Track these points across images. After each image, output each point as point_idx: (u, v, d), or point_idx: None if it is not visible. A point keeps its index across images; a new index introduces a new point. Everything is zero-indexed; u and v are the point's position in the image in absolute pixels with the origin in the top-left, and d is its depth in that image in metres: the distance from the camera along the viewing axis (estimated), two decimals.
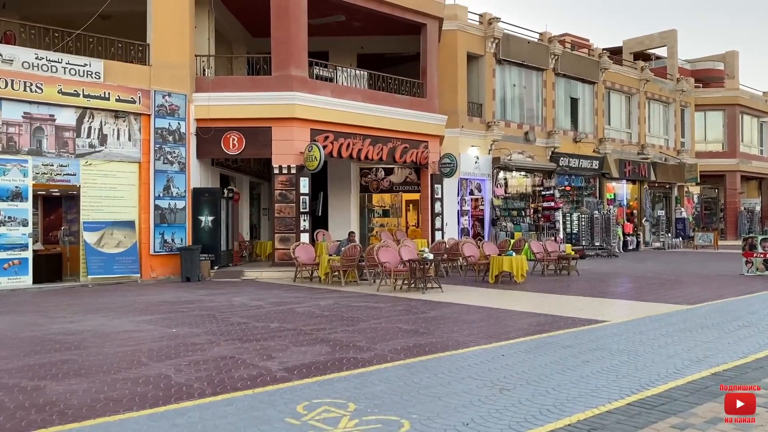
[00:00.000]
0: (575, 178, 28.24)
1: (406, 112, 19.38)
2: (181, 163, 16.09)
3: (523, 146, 25.53)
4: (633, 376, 5.96)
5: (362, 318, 9.65)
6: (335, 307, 10.95)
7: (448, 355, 6.94)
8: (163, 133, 15.81)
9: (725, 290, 13.15)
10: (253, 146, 16.86)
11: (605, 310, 10.45)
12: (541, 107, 26.70)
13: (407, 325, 8.95)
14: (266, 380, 5.92)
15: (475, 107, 24.18)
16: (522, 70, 25.97)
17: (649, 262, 21.72)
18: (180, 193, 16.07)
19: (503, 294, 12.89)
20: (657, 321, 9.21)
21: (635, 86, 31.46)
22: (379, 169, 23.14)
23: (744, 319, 9.28)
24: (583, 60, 28.51)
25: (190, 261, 15.52)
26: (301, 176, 16.77)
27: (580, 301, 11.74)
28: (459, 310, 10.55)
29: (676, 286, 14.12)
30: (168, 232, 15.89)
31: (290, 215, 16.76)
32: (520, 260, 14.62)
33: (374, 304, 11.25)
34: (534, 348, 7.33)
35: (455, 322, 9.22)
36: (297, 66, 16.95)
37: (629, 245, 28.93)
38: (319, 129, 17.32)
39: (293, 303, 11.46)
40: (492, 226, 24.18)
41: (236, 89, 16.90)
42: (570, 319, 9.44)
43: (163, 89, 15.85)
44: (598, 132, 29.15)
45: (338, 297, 12.36)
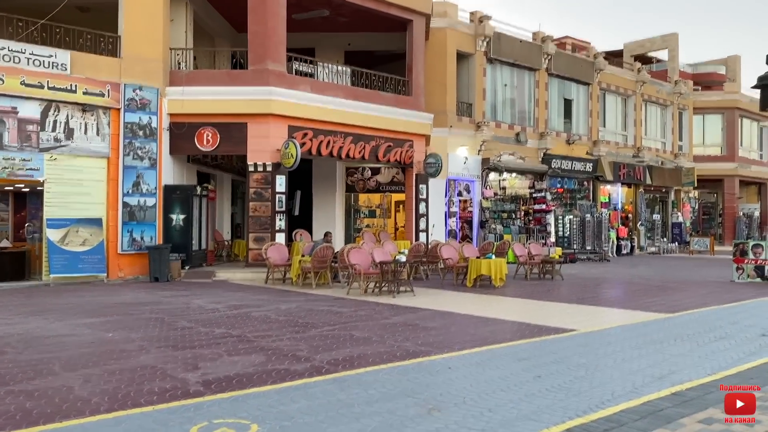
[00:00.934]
0: (568, 181, 27.64)
1: (390, 110, 18.80)
2: (152, 158, 15.54)
3: (514, 147, 24.92)
4: (585, 394, 5.38)
5: (317, 324, 9.07)
6: (294, 311, 10.38)
7: (390, 368, 6.37)
8: (133, 127, 15.27)
9: (711, 298, 12.54)
10: (228, 142, 16.31)
11: (578, 317, 9.86)
12: (534, 108, 26.09)
13: (362, 333, 8.37)
14: (176, 395, 5.35)
15: (464, 107, 23.60)
16: (514, 70, 25.37)
17: (640, 267, 21.09)
18: (150, 190, 15.52)
19: (477, 299, 12.31)
20: (630, 331, 8.62)
21: (631, 88, 30.83)
22: (366, 168, 22.56)
23: (723, 330, 8.68)
24: (577, 60, 27.90)
25: (158, 261, 14.97)
26: (277, 174, 16.21)
27: (554, 307, 11.14)
28: (424, 315, 9.97)
29: (661, 292, 13.52)
30: (137, 230, 15.34)
31: (265, 214, 16.20)
32: (499, 263, 14.02)
33: (337, 309, 10.68)
34: (487, 360, 6.75)
35: (414, 330, 8.64)
36: (274, 60, 16.40)
37: (623, 249, 28.29)
38: (298, 126, 16.75)
39: (253, 306, 10.90)
40: (480, 228, 23.57)
41: (211, 83, 16.34)
42: (537, 328, 8.85)
43: (134, 83, 15.31)
44: (592, 134, 28.53)
45: (303, 300, 11.80)
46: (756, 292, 13.43)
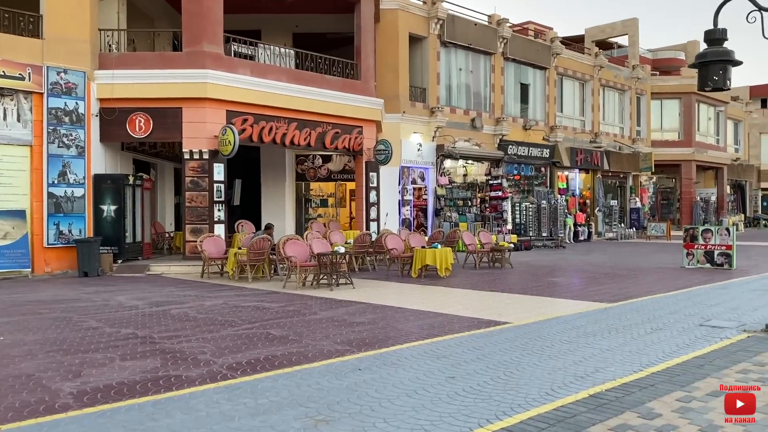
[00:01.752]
0: (525, 167, 27.31)
1: (337, 95, 18.13)
2: (79, 146, 14.66)
3: (470, 133, 24.49)
4: (496, 399, 4.89)
5: (236, 322, 8.46)
6: (218, 308, 9.74)
7: (293, 372, 5.80)
8: (58, 113, 14.35)
9: (658, 285, 12.25)
10: (161, 129, 15.48)
11: (515, 309, 9.41)
12: (489, 93, 25.66)
13: (280, 331, 7.78)
14: (36, 410, 4.71)
15: (418, 92, 23.04)
16: (469, 54, 24.86)
17: (595, 254, 20.89)
18: (78, 180, 14.65)
19: (418, 290, 11.80)
20: (565, 322, 8.19)
21: (589, 72, 30.62)
22: (317, 156, 21.91)
23: (662, 320, 8.31)
24: (533, 44, 27.53)
25: (87, 254, 14.14)
26: (215, 162, 15.44)
27: (494, 298, 10.70)
28: (356, 310, 9.43)
29: (609, 280, 13.20)
30: (64, 222, 14.47)
31: (203, 205, 15.44)
32: (444, 253, 13.55)
33: (266, 304, 10.07)
34: (403, 359, 6.23)
35: (339, 326, 8.09)
36: (211, 42, 15.59)
37: (580, 236, 28.16)
38: (237, 111, 15.99)
39: (176, 303, 10.22)
40: (435, 216, 23.12)
41: (143, 66, 15.45)
42: (469, 321, 8.38)
43: (58, 65, 14.38)
44: (549, 119, 28.24)
45: (234, 295, 11.15)
46: (703, 279, 13.20)
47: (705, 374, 5.50)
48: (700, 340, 6.97)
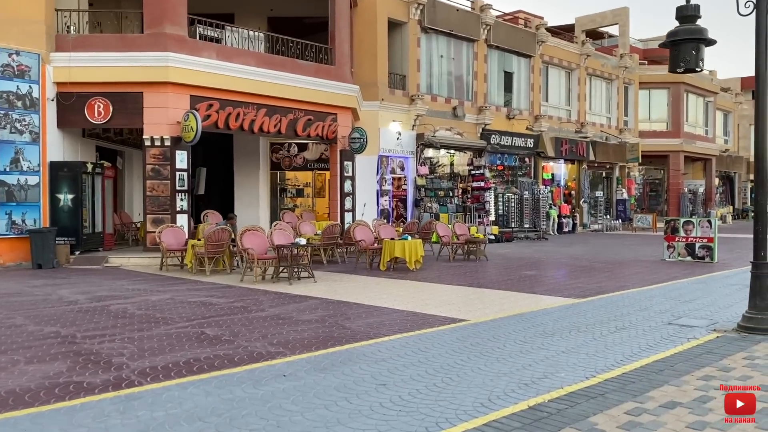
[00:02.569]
0: (508, 157, 26.68)
1: (310, 80, 17.45)
2: (33, 132, 13.97)
3: (451, 122, 23.86)
4: (422, 412, 4.31)
5: (174, 319, 7.86)
6: (162, 303, 9.13)
7: (208, 378, 5.22)
8: (9, 97, 13.65)
9: (635, 279, 11.72)
10: (121, 114, 14.79)
11: (477, 305, 8.85)
12: (472, 81, 25.01)
13: (216, 330, 7.19)
14: None
15: (397, 79, 22.39)
16: (451, 40, 24.20)
17: (576, 246, 20.36)
18: (33, 168, 13.97)
19: (382, 284, 11.23)
20: (527, 320, 7.63)
21: (575, 61, 30.01)
22: (292, 144, 21.27)
23: (629, 317, 7.76)
24: (518, 32, 26.89)
25: (41, 245, 13.49)
26: (177, 149, 14.78)
27: (459, 292, 10.13)
28: (307, 306, 8.84)
29: (584, 274, 12.67)
30: (17, 211, 13.81)
31: (164, 194, 14.78)
32: (414, 245, 12.96)
33: (215, 300, 9.47)
34: (338, 363, 5.65)
35: (282, 324, 7.50)
36: (173, 23, 14.89)
37: (565, 227, 27.66)
38: (201, 96, 15.31)
39: (120, 298, 9.61)
40: (415, 207, 22.53)
41: (103, 49, 14.74)
42: (426, 318, 7.81)
43: (9, 47, 13.67)
44: (534, 108, 27.63)
45: (185, 290, 10.54)
46: (682, 272, 12.68)
47: (663, 381, 4.95)
48: (665, 341, 6.42)
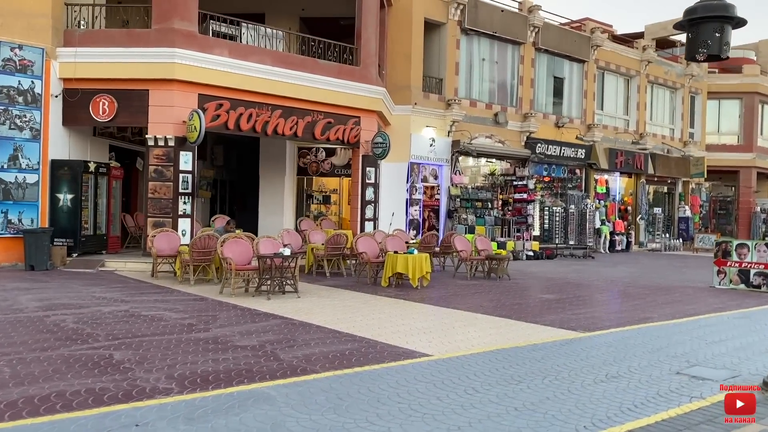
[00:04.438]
0: (556, 168, 24.96)
1: (331, 81, 16.48)
2: (34, 129, 13.53)
3: (492, 129, 22.42)
4: None
5: (97, 337, 6.93)
6: (107, 317, 8.23)
7: (40, 423, 4.18)
8: (10, 92, 13.25)
9: (666, 309, 10.07)
10: (126, 112, 14.21)
11: (457, 335, 7.52)
12: (517, 86, 23.48)
13: (125, 354, 6.19)
14: None
15: (433, 82, 21.16)
16: (494, 43, 22.77)
17: (622, 267, 18.52)
18: (32, 166, 13.52)
19: (370, 303, 10.02)
20: (501, 360, 6.28)
21: (635, 68, 27.93)
22: (320, 149, 20.35)
23: (632, 361, 6.28)
24: (569, 35, 25.16)
25: (35, 246, 12.97)
26: (181, 150, 14.07)
27: (447, 318, 8.78)
28: (259, 328, 7.75)
29: (610, 300, 11.09)
30: (14, 210, 13.37)
31: (166, 196, 14.08)
32: (418, 260, 11.70)
33: (170, 314, 8.51)
34: (223, 409, 4.51)
35: (209, 350, 6.44)
36: (183, 18, 14.21)
37: (618, 245, 25.64)
38: (211, 95, 14.58)
39: (72, 308, 8.79)
40: (448, 218, 21.20)
41: (109, 44, 14.19)
42: (384, 350, 6.59)
43: (12, 41, 13.29)
44: (586, 117, 25.79)
45: (153, 301, 9.65)
46: (728, 303, 10.91)
47: None
48: (660, 400, 4.97)
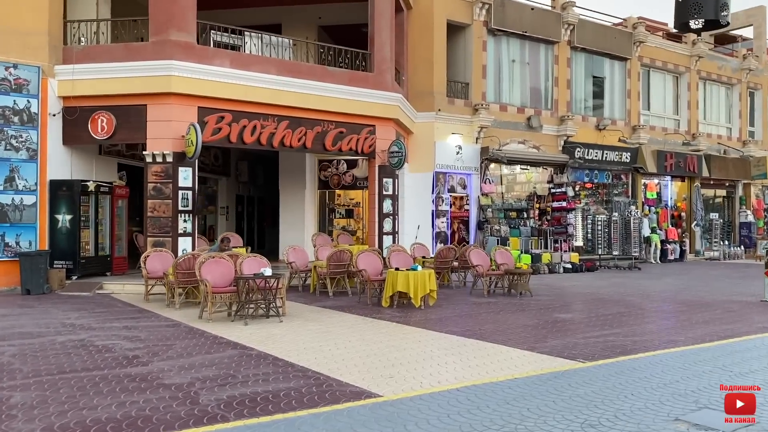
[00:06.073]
0: (599, 174, 23.36)
1: (342, 89, 15.62)
2: (31, 149, 13.18)
3: (525, 134, 21.12)
4: None
5: (20, 374, 6.19)
6: (56, 348, 7.51)
7: None
8: (5, 112, 12.95)
9: (698, 330, 8.66)
10: (124, 129, 13.71)
11: (426, 368, 6.40)
12: (552, 87, 22.10)
13: (27, 396, 5.40)
14: None
15: (458, 87, 20.07)
16: (525, 43, 21.51)
17: (667, 279, 16.87)
18: (29, 186, 13.16)
19: (356, 327, 8.99)
20: (462, 402, 5.17)
21: (684, 64, 26.02)
22: (341, 161, 19.54)
23: (624, 403, 5.05)
24: (609, 31, 23.58)
25: (30, 270, 12.56)
26: (180, 166, 13.44)
27: (430, 345, 7.65)
28: (207, 360, 6.84)
29: (635, 319, 9.70)
30: (11, 233, 13.01)
31: (166, 214, 13.47)
32: (421, 278, 10.62)
33: (124, 343, 7.73)
34: None
35: (121, 391, 5.58)
36: (180, 29, 13.64)
37: (670, 254, 23.75)
38: (211, 108, 13.94)
39: (27, 337, 8.14)
40: (479, 230, 19.98)
41: (106, 59, 13.75)
42: (330, 390, 5.57)
43: (8, 60, 13.00)
44: (631, 118, 24.08)
45: (119, 328, 8.91)
46: None
47: None
48: None
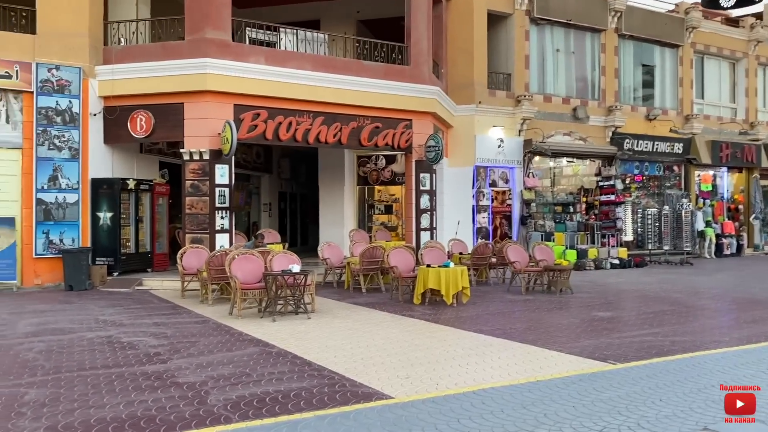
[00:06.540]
0: (650, 166, 22.53)
1: (378, 83, 15.46)
2: (73, 149, 13.49)
3: (570, 125, 20.53)
4: None
5: (41, 369, 6.26)
6: (85, 345, 7.61)
7: None
8: (48, 113, 13.28)
9: (747, 330, 8.16)
10: (163, 127, 13.90)
11: (445, 369, 6.18)
12: (598, 77, 21.42)
13: (41, 393, 5.44)
14: None
15: (500, 79, 19.64)
16: (570, 32, 20.89)
17: (720, 275, 16.11)
18: (71, 185, 13.48)
19: (383, 324, 8.81)
20: (469, 407, 4.95)
21: (741, 49, 24.82)
22: (380, 157, 19.37)
23: (650, 411, 4.72)
24: (659, 17, 22.67)
25: (73, 266, 12.86)
26: (216, 163, 13.55)
27: (456, 344, 7.41)
28: (225, 359, 6.79)
29: (680, 318, 9.22)
30: (55, 230, 13.35)
31: (203, 211, 13.59)
32: (453, 274, 10.37)
33: (149, 340, 7.77)
34: None
35: (141, 389, 5.56)
36: (216, 27, 13.73)
37: (726, 249, 22.71)
38: (247, 105, 14.00)
39: (58, 333, 8.29)
40: (522, 225, 19.53)
41: (145, 59, 13.96)
42: (337, 390, 5.43)
43: (51, 62, 13.33)
44: (683, 107, 23.13)
45: (149, 325, 8.99)
46: None
47: None
48: None
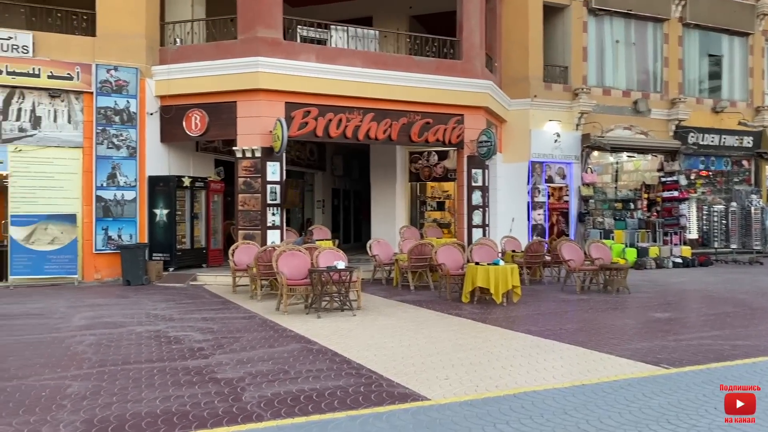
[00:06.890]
0: (716, 160, 21.55)
1: (429, 78, 15.28)
2: (130, 147, 13.86)
3: (631, 119, 19.83)
4: None
5: (88, 362, 6.40)
6: (135, 339, 7.77)
7: None
8: (107, 112, 13.68)
9: None
10: (216, 126, 14.13)
11: (486, 371, 5.97)
12: (661, 68, 20.58)
13: (84, 385, 5.54)
14: None
15: (556, 72, 19.14)
16: (630, 22, 20.15)
17: None
18: (129, 183, 13.85)
19: (429, 322, 8.65)
20: (507, 411, 4.75)
21: None
22: (432, 153, 19.20)
23: (683, 422, 4.42)
24: (727, 5, 21.58)
25: (130, 261, 13.22)
26: (268, 161, 13.67)
27: (501, 345, 7.17)
28: (266, 355, 6.78)
29: (741, 322, 8.70)
30: (113, 227, 13.76)
31: (255, 208, 13.75)
32: (502, 273, 10.12)
33: (196, 336, 7.87)
34: None
35: (179, 384, 5.60)
36: (267, 26, 13.85)
37: None
38: (298, 102, 14.08)
39: (112, 327, 8.50)
40: (579, 222, 18.98)
41: (199, 58, 14.21)
42: (373, 390, 5.33)
43: (109, 62, 13.72)
44: (754, 98, 22.01)
45: (197, 319, 9.11)
46: None
47: None
48: None
